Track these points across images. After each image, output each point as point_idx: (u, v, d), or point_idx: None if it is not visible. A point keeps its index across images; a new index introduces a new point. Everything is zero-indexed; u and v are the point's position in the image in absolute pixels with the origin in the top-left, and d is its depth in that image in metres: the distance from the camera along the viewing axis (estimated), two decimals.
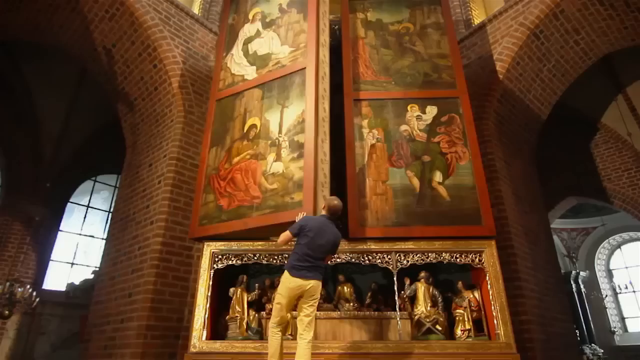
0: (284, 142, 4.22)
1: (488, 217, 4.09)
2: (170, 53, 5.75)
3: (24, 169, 9.37)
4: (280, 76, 4.61)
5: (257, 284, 4.37)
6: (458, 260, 4.00)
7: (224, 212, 4.23)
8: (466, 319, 3.91)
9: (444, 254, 4.02)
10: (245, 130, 4.60)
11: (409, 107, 4.81)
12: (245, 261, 4.22)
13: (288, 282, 3.11)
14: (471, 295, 4.04)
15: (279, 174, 4.08)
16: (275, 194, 4.00)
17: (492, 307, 3.82)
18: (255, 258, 4.20)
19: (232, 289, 4.24)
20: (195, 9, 6.88)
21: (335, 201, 3.37)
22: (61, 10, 5.72)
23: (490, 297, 3.86)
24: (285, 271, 3.17)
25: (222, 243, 4.25)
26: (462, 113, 4.69)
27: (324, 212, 3.39)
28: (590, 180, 8.58)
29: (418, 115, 4.77)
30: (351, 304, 4.23)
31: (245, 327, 4.06)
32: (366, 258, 4.10)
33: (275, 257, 4.21)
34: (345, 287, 4.39)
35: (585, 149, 8.65)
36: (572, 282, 11.17)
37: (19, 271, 8.29)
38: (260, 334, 4.06)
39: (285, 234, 3.28)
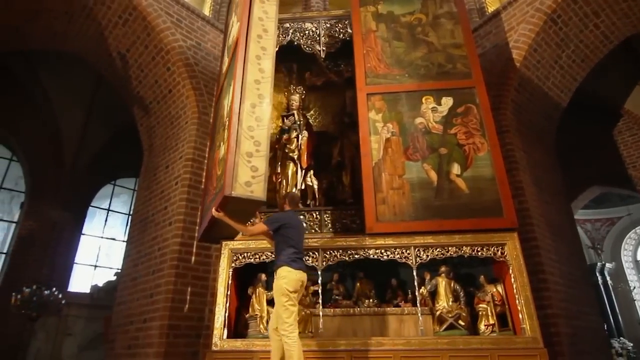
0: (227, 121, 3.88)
1: (509, 209, 3.99)
2: (183, 55, 5.79)
3: (46, 175, 9.62)
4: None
5: None
6: (479, 253, 3.91)
7: None
8: (490, 314, 3.83)
9: (464, 248, 3.94)
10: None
11: (423, 99, 4.72)
12: (263, 259, 4.22)
13: (293, 275, 3.09)
14: (494, 289, 3.95)
15: (221, 158, 3.76)
16: (219, 179, 3.71)
17: (517, 301, 3.72)
18: (273, 256, 4.18)
19: (250, 288, 4.25)
20: (206, 11, 6.91)
21: (294, 193, 3.75)
22: (76, 18, 5.82)
23: (514, 290, 3.76)
24: (284, 266, 3.13)
25: (240, 242, 4.27)
26: (478, 103, 4.58)
27: (288, 207, 3.57)
28: (615, 168, 8.28)
29: (433, 107, 4.67)
30: (371, 300, 4.19)
31: (265, 325, 4.06)
32: (385, 253, 4.05)
33: None
34: (364, 283, 4.35)
35: (608, 137, 8.36)
36: (597, 274, 10.87)
37: (44, 274, 8.51)
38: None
39: (260, 226, 3.37)
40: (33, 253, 8.73)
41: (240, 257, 4.24)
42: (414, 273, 3.91)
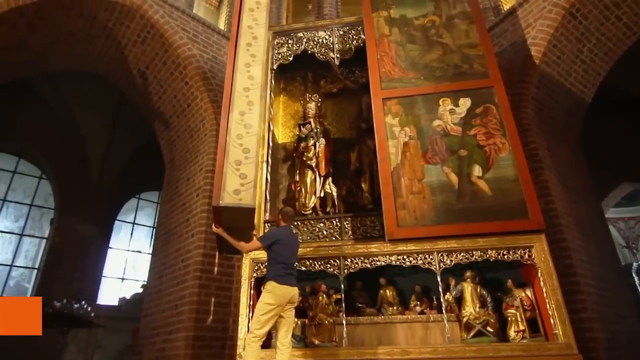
0: None
1: (535, 210, 3.86)
2: (200, 70, 5.91)
3: (74, 191, 9.95)
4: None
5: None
6: (505, 257, 3.79)
7: None
8: (519, 319, 3.68)
9: (489, 252, 3.82)
10: None
11: (440, 102, 4.65)
12: None
13: (278, 290, 3.20)
14: (523, 294, 3.80)
15: None
16: None
17: (547, 306, 3.57)
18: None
19: None
20: (221, 25, 7.05)
21: (290, 210, 3.79)
22: (97, 38, 6.03)
23: (544, 294, 3.62)
24: (270, 281, 3.25)
25: (261, 251, 4.26)
26: (497, 103, 4.47)
27: (283, 223, 3.62)
28: None
29: (451, 109, 4.59)
30: (395, 308, 4.11)
31: None
32: (407, 260, 3.98)
33: (316, 263, 4.18)
34: (387, 291, 4.28)
35: (637, 131, 8.04)
36: (634, 274, 10.39)
37: (74, 288, 8.75)
38: (304, 341, 4.02)
39: (254, 243, 3.50)
40: (63, 268, 9.00)
41: (261, 267, 4.23)
42: (438, 279, 3.82)
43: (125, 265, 11.32)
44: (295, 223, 4.55)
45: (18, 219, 9.73)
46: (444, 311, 3.77)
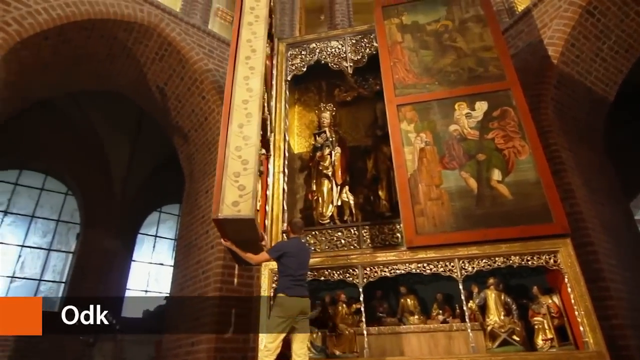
0: None
1: (559, 213, 3.75)
2: (216, 84, 6.03)
3: (98, 206, 10.22)
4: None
5: (317, 301, 4.32)
6: (530, 263, 3.68)
7: None
8: (547, 327, 3.56)
9: (512, 258, 3.73)
10: None
11: (456, 106, 4.60)
12: None
13: (287, 303, 3.21)
14: (550, 301, 3.68)
15: None
16: None
17: (576, 313, 3.45)
18: (313, 274, 4.17)
19: None
20: None
21: (299, 221, 3.80)
22: (117, 58, 6.24)
23: (572, 301, 3.49)
24: (280, 294, 3.27)
25: None
26: (515, 105, 4.39)
27: (292, 235, 3.65)
28: None
29: (467, 113, 4.54)
30: (416, 317, 4.04)
31: (309, 345, 4.01)
32: (427, 267, 3.92)
33: (334, 272, 4.16)
34: (408, 299, 4.21)
35: None
36: None
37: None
38: (325, 352, 3.99)
39: (263, 255, 3.52)
40: (88, 281, 9.22)
41: None
42: (460, 286, 3.74)
43: (149, 278, 11.51)
44: (313, 232, 4.56)
45: (46, 234, 10.04)
46: (467, 320, 3.67)
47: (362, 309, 3.94)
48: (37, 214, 9.97)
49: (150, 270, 11.58)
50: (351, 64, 5.44)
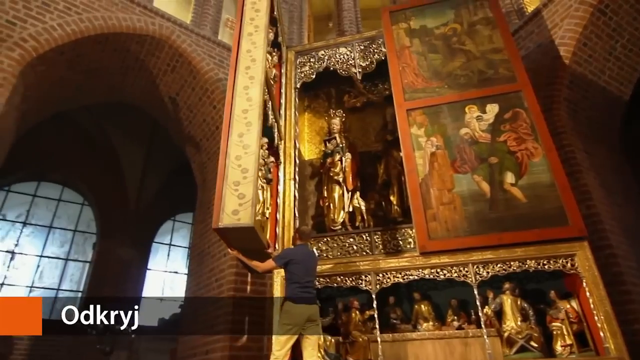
0: None
1: (575, 216, 3.67)
2: (226, 93, 6.09)
3: (114, 216, 10.39)
4: None
5: (330, 308, 4.31)
6: (546, 267, 3.61)
7: None
8: (566, 333, 3.48)
9: (528, 262, 3.66)
10: None
11: (466, 109, 4.57)
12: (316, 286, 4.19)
13: (294, 310, 3.22)
14: (568, 306, 3.60)
15: None
16: None
17: (596, 318, 3.36)
18: (326, 281, 4.16)
19: None
20: None
21: (307, 228, 3.86)
22: (130, 70, 6.37)
23: (591, 305, 3.41)
24: (287, 301, 3.29)
25: None
26: (527, 107, 4.34)
27: (299, 242, 3.67)
28: None
29: (478, 116, 4.50)
30: (431, 323, 3.99)
31: (322, 352, 3.99)
32: (441, 273, 3.87)
33: (347, 279, 4.14)
34: (422, 305, 4.17)
35: None
36: None
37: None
38: (339, 359, 3.97)
39: (270, 263, 3.53)
40: (105, 290, 9.34)
41: None
42: (475, 292, 3.68)
43: (164, 286, 11.61)
44: (325, 239, 4.56)
45: (63, 244, 10.23)
46: (483, 326, 3.61)
47: (376, 315, 3.91)
48: (54, 225, 10.17)
49: (165, 279, 11.69)
50: (360, 70, 5.45)
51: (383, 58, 5.35)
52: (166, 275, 11.73)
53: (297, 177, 5.00)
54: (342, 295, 4.39)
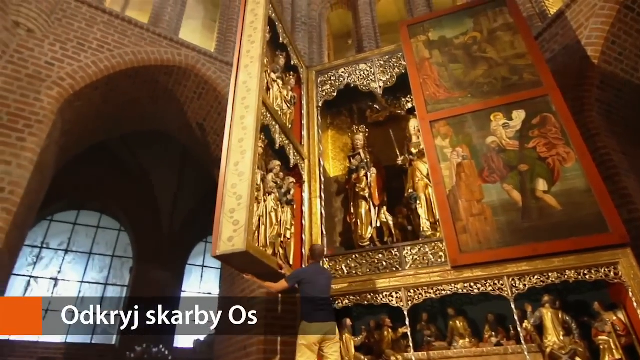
0: None
1: (615, 222, 3.48)
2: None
3: (148, 240, 10.73)
4: None
5: (362, 327, 4.23)
6: (587, 277, 3.42)
7: None
8: (614, 347, 3.26)
9: (567, 272, 3.48)
10: None
11: (492, 117, 4.48)
12: (345, 304, 4.14)
13: (308, 329, 3.26)
14: (614, 317, 3.38)
15: None
16: None
17: None
18: (356, 299, 4.10)
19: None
20: None
21: (319, 247, 3.87)
22: (160, 100, 6.66)
23: None
24: (302, 321, 3.33)
25: None
26: (555, 110, 4.21)
27: (311, 261, 3.74)
28: None
29: (504, 123, 4.40)
30: (467, 340, 3.84)
31: None
32: (475, 287, 3.74)
33: (377, 296, 4.07)
34: (457, 321, 4.02)
35: None
36: None
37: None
38: None
39: (282, 283, 3.54)
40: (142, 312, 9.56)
41: None
42: (512, 306, 3.53)
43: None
44: (354, 256, 4.51)
45: (102, 269, 10.63)
46: (523, 342, 3.44)
47: (409, 333, 3.81)
48: (94, 251, 10.60)
49: (199, 300, 11.85)
50: (381, 85, 5.47)
51: (403, 71, 5.36)
52: (200, 296, 11.90)
53: (323, 195, 5.02)
54: (373, 313, 4.31)
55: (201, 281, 12.04)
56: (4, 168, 4.32)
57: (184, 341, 10.53)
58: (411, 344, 3.77)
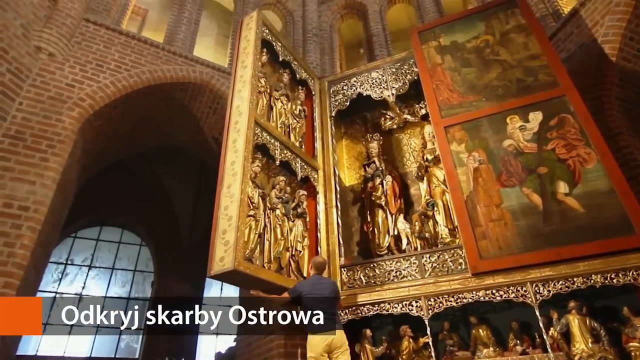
0: None
1: None
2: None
3: (168, 253, 10.87)
4: None
5: (382, 337, 4.17)
6: (614, 281, 3.30)
7: None
8: None
9: (593, 277, 3.36)
10: None
11: (508, 120, 4.41)
12: (365, 314, 4.10)
13: (314, 341, 3.28)
14: None
15: None
16: None
17: None
18: (375, 309, 4.05)
19: (357, 345, 4.10)
20: None
21: (319, 259, 3.91)
22: (177, 116, 6.80)
23: None
24: (308, 334, 3.35)
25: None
26: (573, 111, 4.11)
27: (312, 272, 3.76)
28: None
29: (521, 126, 4.32)
30: (491, 349, 3.73)
31: None
32: (497, 294, 3.65)
33: (397, 305, 4.01)
34: (480, 330, 3.92)
35: None
36: None
37: (175, 346, 9.31)
38: None
39: (284, 296, 3.61)
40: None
41: (340, 314, 4.17)
42: (537, 312, 3.43)
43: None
44: (372, 265, 4.48)
45: (125, 284, 10.81)
46: (549, 350, 3.33)
47: (430, 342, 3.73)
48: (116, 266, 10.80)
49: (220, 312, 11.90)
50: (393, 92, 5.47)
51: (416, 78, 5.36)
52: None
53: (338, 204, 5.01)
54: (394, 323, 4.24)
55: (221, 293, 12.10)
56: (29, 188, 4.46)
57: (205, 354, 10.57)
58: (433, 354, 3.69)
